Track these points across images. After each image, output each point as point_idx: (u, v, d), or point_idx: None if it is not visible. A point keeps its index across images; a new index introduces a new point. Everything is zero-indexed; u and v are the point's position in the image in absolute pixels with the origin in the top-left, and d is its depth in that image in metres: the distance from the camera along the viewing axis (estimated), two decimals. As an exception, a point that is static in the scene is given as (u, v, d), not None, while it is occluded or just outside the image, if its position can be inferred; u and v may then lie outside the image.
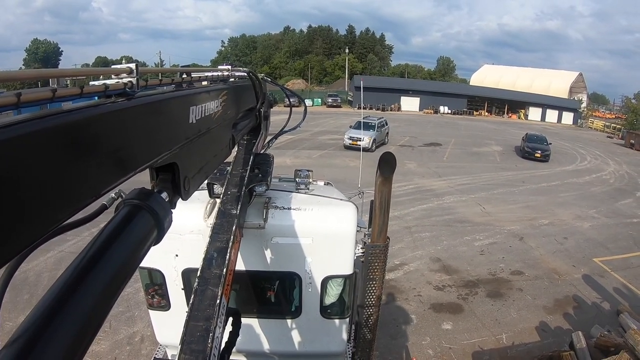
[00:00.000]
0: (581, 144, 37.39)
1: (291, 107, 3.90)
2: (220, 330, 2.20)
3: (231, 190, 2.58)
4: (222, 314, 2.21)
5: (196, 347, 2.02)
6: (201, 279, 2.24)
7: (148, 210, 1.43)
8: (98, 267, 1.20)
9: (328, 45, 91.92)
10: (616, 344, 7.62)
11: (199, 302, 2.15)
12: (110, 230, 1.37)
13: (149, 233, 1.43)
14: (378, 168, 3.90)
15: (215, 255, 2.30)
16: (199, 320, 2.09)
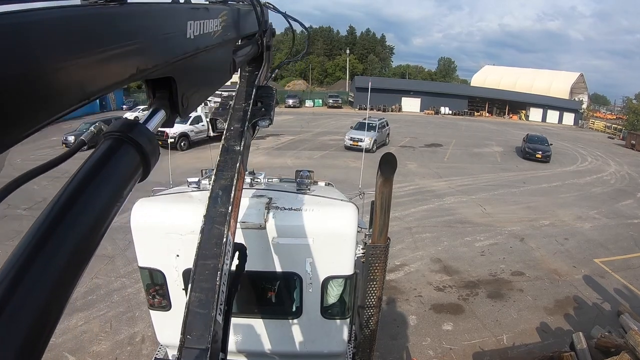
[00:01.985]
0: (582, 145, 37.36)
1: (294, 35, 3.85)
2: (227, 267, 2.26)
3: (234, 126, 2.55)
4: (228, 251, 2.26)
5: (206, 285, 2.10)
6: (207, 217, 2.28)
7: (132, 143, 1.34)
8: (75, 209, 1.12)
9: (329, 46, 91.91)
10: (617, 345, 7.62)
11: (206, 241, 2.21)
12: (89, 168, 1.27)
13: (133, 170, 1.35)
14: (379, 169, 3.91)
15: (221, 194, 2.32)
16: (207, 259, 2.15)
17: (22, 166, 16.18)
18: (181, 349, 2.01)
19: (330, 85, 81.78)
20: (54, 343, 8.53)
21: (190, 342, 2.03)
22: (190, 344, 2.03)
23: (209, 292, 2.10)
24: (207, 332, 2.02)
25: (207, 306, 2.08)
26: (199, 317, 2.07)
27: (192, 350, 2.01)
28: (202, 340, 2.02)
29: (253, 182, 5.01)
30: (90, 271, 11.34)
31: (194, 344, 2.02)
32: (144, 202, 4.40)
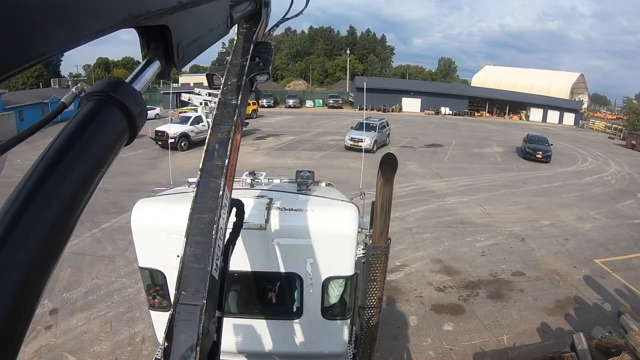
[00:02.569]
0: (582, 145, 37.34)
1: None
2: (224, 222, 2.22)
3: (231, 80, 2.48)
4: (225, 205, 2.21)
5: (201, 239, 2.05)
6: (203, 171, 2.22)
7: (116, 104, 1.26)
8: (54, 177, 1.04)
9: (329, 46, 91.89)
10: (617, 345, 7.62)
11: (201, 195, 2.16)
12: (69, 132, 1.17)
13: (118, 133, 1.27)
14: (379, 169, 3.90)
15: (217, 147, 2.26)
16: (202, 213, 2.11)
17: (23, 166, 16.31)
18: (175, 306, 1.96)
19: (331, 86, 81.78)
20: (54, 343, 8.54)
21: (184, 298, 1.98)
22: (185, 300, 1.98)
23: (205, 246, 2.05)
24: (203, 288, 1.97)
25: (202, 261, 2.02)
26: (194, 272, 2.02)
27: (187, 307, 1.96)
28: (197, 296, 1.97)
29: (254, 183, 5.01)
30: (90, 271, 11.35)
31: (189, 300, 1.97)
32: (145, 202, 4.40)
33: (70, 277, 11.09)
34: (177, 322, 1.96)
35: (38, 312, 9.46)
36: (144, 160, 24.80)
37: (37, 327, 9.02)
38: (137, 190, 17.58)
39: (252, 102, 48.38)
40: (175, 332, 1.95)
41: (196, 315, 1.94)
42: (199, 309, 1.94)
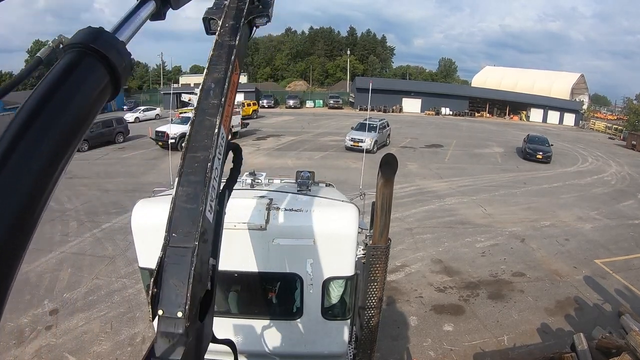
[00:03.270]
0: (583, 145, 37.34)
1: None
2: (219, 163, 2.12)
3: (229, 23, 2.37)
4: (221, 145, 2.11)
5: (194, 178, 1.95)
6: (198, 110, 2.11)
7: (96, 55, 1.18)
8: (27, 140, 0.98)
9: (329, 46, 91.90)
10: (618, 346, 7.61)
11: (195, 133, 2.05)
12: (45, 87, 1.09)
13: (99, 87, 1.19)
14: (380, 169, 3.90)
15: (213, 86, 2.15)
16: (196, 151, 2.00)
17: (23, 167, 15.81)
18: (165, 249, 1.84)
19: (331, 86, 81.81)
20: (55, 344, 8.54)
21: (175, 240, 1.85)
22: (176, 242, 1.84)
23: (198, 185, 1.93)
24: (195, 229, 1.84)
25: (195, 200, 1.90)
26: (185, 212, 1.89)
27: (177, 249, 1.83)
28: (188, 238, 1.84)
29: (254, 183, 5.01)
30: (91, 272, 11.36)
31: (180, 242, 1.84)
32: (145, 202, 4.40)
33: (71, 277, 11.10)
34: (167, 266, 1.84)
35: (38, 312, 9.48)
36: (144, 161, 24.82)
37: (38, 327, 9.03)
38: (137, 191, 17.59)
39: (253, 102, 48.55)
40: (165, 277, 1.83)
41: (187, 258, 1.82)
42: (190, 251, 1.82)
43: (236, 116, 31.83)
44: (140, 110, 43.80)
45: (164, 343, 1.82)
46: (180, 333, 1.79)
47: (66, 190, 18.56)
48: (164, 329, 1.81)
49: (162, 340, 1.82)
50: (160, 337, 1.82)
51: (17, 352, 8.24)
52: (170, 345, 1.81)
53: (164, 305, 1.80)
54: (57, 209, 16.20)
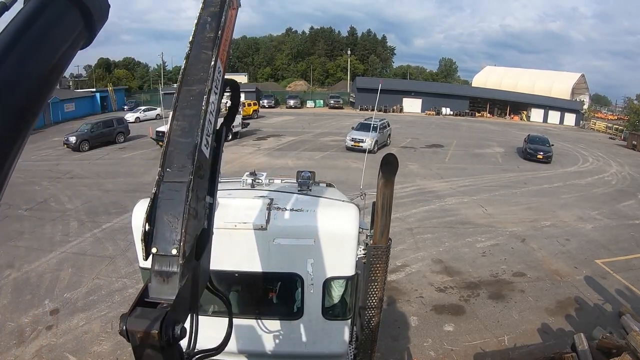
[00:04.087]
0: (583, 145, 37.31)
1: None
2: (216, 98, 2.06)
3: None
4: (217, 79, 2.05)
5: (189, 112, 1.88)
6: (193, 44, 2.04)
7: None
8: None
9: (330, 46, 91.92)
10: (618, 346, 7.61)
11: (190, 67, 1.98)
12: (12, 31, 1.02)
13: (71, 32, 1.12)
14: (380, 169, 3.91)
15: (209, 20, 2.08)
16: (192, 85, 1.93)
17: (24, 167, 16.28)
18: (159, 185, 1.79)
19: (332, 86, 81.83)
20: (55, 343, 8.55)
21: (169, 175, 1.79)
22: (170, 177, 1.79)
23: (193, 119, 1.86)
24: (190, 163, 1.78)
25: (190, 134, 1.84)
26: (180, 146, 1.82)
27: (172, 185, 1.78)
28: (183, 173, 1.78)
29: (254, 183, 5.01)
30: (91, 272, 11.36)
31: (174, 177, 1.78)
32: (146, 202, 4.39)
33: (71, 277, 11.10)
34: (160, 202, 1.78)
35: (39, 312, 9.49)
36: (144, 161, 24.82)
37: (38, 327, 9.03)
38: (138, 191, 17.61)
39: (253, 102, 48.55)
40: (158, 213, 1.77)
41: (182, 193, 1.76)
42: (185, 186, 1.76)
43: (236, 116, 31.81)
44: (140, 110, 43.83)
45: (157, 283, 1.76)
46: (174, 271, 1.73)
47: (67, 190, 18.58)
48: (158, 268, 1.75)
49: (156, 279, 1.76)
50: (154, 277, 1.76)
51: (18, 352, 8.24)
52: (165, 284, 1.75)
53: (158, 242, 1.74)
54: (58, 209, 16.22)
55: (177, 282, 1.73)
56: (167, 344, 1.64)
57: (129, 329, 1.61)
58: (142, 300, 1.74)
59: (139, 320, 1.63)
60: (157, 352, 1.65)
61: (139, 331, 1.60)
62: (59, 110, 41.52)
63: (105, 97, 50.56)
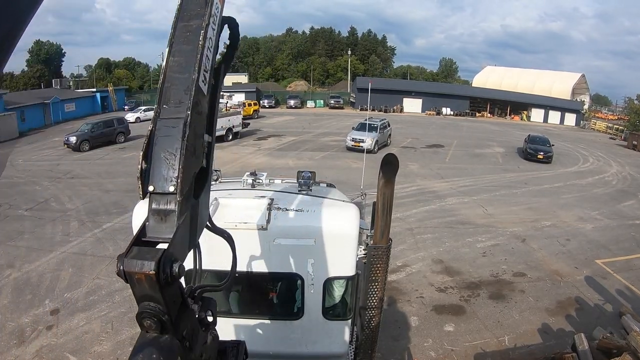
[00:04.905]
0: (584, 146, 37.29)
1: None
2: (214, 33, 1.98)
3: None
4: (215, 14, 1.97)
5: (186, 47, 1.82)
6: None
7: None
8: None
9: (330, 47, 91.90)
10: (618, 346, 7.61)
11: (187, 2, 1.92)
12: None
13: None
14: (380, 170, 3.90)
15: None
16: (189, 20, 1.87)
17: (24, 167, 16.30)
18: (155, 122, 1.74)
19: (332, 86, 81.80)
20: (56, 343, 8.55)
21: (166, 112, 1.74)
22: (166, 114, 1.74)
23: (190, 54, 1.81)
24: (187, 99, 1.73)
25: (187, 70, 1.78)
26: (177, 82, 1.77)
27: (169, 121, 1.73)
28: (180, 109, 1.72)
29: (255, 183, 5.01)
30: (91, 272, 11.37)
31: (171, 113, 1.73)
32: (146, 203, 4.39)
33: (72, 277, 11.11)
34: (157, 139, 1.74)
35: (39, 312, 9.50)
36: (145, 161, 24.78)
37: (39, 327, 9.04)
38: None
39: (253, 102, 48.55)
40: (155, 150, 1.73)
41: (179, 129, 1.71)
42: (181, 121, 1.71)
43: (237, 116, 31.87)
44: (141, 110, 43.79)
45: (155, 221, 1.73)
46: (172, 209, 1.70)
47: (67, 190, 18.59)
48: (156, 206, 1.72)
49: (154, 218, 1.73)
50: (152, 216, 1.74)
51: (18, 352, 8.25)
52: (162, 222, 1.71)
53: (155, 180, 1.71)
54: (58, 209, 16.23)
55: (175, 220, 1.69)
56: (166, 282, 1.60)
57: (126, 270, 1.58)
58: (139, 240, 1.71)
59: (135, 260, 1.60)
60: (156, 292, 1.61)
61: (136, 272, 1.57)
62: (59, 110, 41.54)
63: (106, 97, 50.58)
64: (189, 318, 1.86)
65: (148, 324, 1.67)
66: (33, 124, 36.98)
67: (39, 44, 75.49)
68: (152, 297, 1.63)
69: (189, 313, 1.88)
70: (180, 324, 1.76)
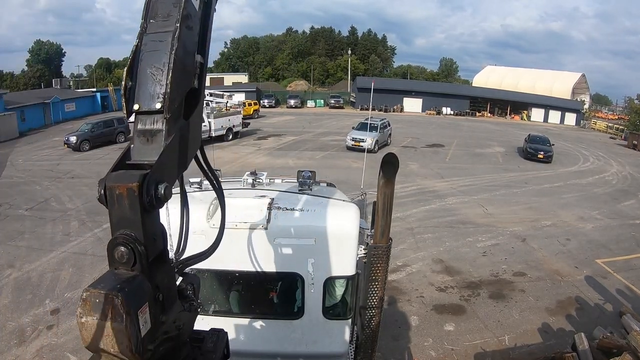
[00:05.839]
0: (584, 145, 37.28)
1: None
2: None
3: None
4: None
5: None
6: None
7: None
8: None
9: (330, 46, 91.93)
10: (619, 346, 7.61)
11: None
12: None
13: None
14: (381, 169, 3.90)
15: None
16: None
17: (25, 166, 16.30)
18: (141, 36, 1.64)
19: (332, 86, 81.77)
20: (56, 343, 8.55)
21: (153, 26, 1.64)
22: (153, 28, 1.64)
23: None
24: (176, 12, 1.62)
25: None
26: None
27: (156, 35, 1.62)
28: (169, 22, 1.62)
29: (255, 183, 5.01)
30: (92, 271, 11.36)
31: (158, 27, 1.63)
32: None
33: (72, 277, 11.11)
34: (143, 55, 1.61)
35: (39, 311, 9.50)
36: (145, 161, 24.78)
37: (39, 327, 9.04)
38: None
39: (254, 102, 48.56)
40: (141, 67, 1.59)
41: (167, 43, 1.58)
42: (170, 35, 1.59)
43: (237, 116, 31.86)
44: (141, 110, 43.78)
45: (140, 143, 1.60)
46: (159, 129, 1.57)
47: (67, 190, 18.59)
48: (141, 127, 1.59)
49: (139, 139, 1.60)
50: (137, 137, 1.60)
51: (19, 352, 8.25)
52: (148, 144, 1.58)
53: (141, 98, 1.57)
54: (59, 208, 16.23)
55: (162, 140, 1.56)
56: (150, 205, 1.48)
57: (108, 185, 1.46)
58: (123, 164, 1.59)
59: (119, 177, 1.48)
60: (136, 214, 1.48)
61: (118, 186, 1.45)
62: (59, 110, 41.52)
63: (106, 97, 50.53)
64: (167, 272, 1.72)
65: (120, 252, 1.55)
66: (33, 123, 36.96)
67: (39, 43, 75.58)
68: (130, 222, 1.51)
69: (169, 268, 1.74)
70: (156, 271, 1.60)
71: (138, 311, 1.43)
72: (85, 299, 1.42)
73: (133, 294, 1.44)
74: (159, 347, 1.60)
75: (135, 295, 1.45)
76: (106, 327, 1.40)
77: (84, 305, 1.42)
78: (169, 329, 1.69)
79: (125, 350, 1.42)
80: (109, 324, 1.39)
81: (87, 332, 1.45)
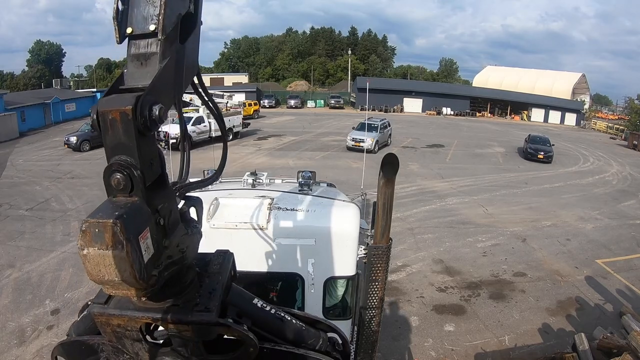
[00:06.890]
0: (584, 145, 37.27)
1: None
2: None
3: None
4: None
5: None
6: None
7: None
8: None
9: (330, 46, 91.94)
10: (619, 346, 7.60)
11: None
12: None
13: None
14: (381, 169, 3.89)
15: None
16: None
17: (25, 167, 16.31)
18: None
19: (332, 86, 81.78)
20: (54, 343, 8.54)
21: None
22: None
23: None
24: None
25: None
26: None
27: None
28: None
29: (255, 183, 5.01)
30: (92, 271, 11.36)
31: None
32: None
33: (72, 277, 11.11)
34: None
35: (40, 312, 9.50)
36: (145, 161, 24.79)
37: (39, 327, 9.04)
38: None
39: (254, 102, 48.55)
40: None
41: None
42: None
43: (237, 116, 31.87)
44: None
45: (134, 67, 1.54)
46: (153, 51, 1.52)
47: (68, 190, 18.59)
48: (135, 51, 1.54)
49: (133, 64, 1.55)
50: (130, 62, 1.55)
51: (19, 352, 8.25)
52: (142, 67, 1.53)
53: (133, 21, 1.53)
54: (59, 209, 16.23)
55: (157, 63, 1.52)
56: (145, 127, 1.44)
57: (100, 110, 1.41)
58: (116, 89, 1.53)
59: (111, 101, 1.43)
60: (130, 139, 1.44)
61: (111, 110, 1.40)
62: (59, 111, 41.54)
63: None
64: (168, 196, 1.68)
65: (116, 179, 1.49)
66: (33, 124, 36.96)
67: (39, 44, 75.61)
68: (125, 147, 1.46)
69: (169, 192, 1.71)
70: (155, 195, 1.57)
71: (139, 237, 1.41)
72: (85, 230, 1.39)
73: (132, 220, 1.40)
74: (163, 272, 1.58)
75: (134, 221, 1.41)
76: (108, 256, 1.37)
77: (84, 236, 1.39)
78: (173, 253, 1.68)
79: (129, 278, 1.39)
80: (110, 253, 1.36)
81: (90, 264, 1.43)
